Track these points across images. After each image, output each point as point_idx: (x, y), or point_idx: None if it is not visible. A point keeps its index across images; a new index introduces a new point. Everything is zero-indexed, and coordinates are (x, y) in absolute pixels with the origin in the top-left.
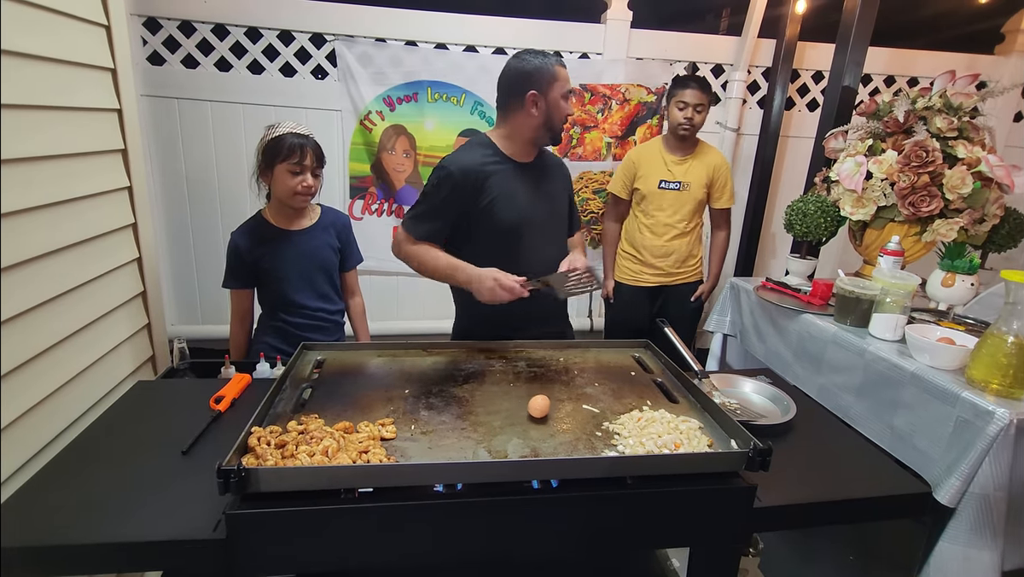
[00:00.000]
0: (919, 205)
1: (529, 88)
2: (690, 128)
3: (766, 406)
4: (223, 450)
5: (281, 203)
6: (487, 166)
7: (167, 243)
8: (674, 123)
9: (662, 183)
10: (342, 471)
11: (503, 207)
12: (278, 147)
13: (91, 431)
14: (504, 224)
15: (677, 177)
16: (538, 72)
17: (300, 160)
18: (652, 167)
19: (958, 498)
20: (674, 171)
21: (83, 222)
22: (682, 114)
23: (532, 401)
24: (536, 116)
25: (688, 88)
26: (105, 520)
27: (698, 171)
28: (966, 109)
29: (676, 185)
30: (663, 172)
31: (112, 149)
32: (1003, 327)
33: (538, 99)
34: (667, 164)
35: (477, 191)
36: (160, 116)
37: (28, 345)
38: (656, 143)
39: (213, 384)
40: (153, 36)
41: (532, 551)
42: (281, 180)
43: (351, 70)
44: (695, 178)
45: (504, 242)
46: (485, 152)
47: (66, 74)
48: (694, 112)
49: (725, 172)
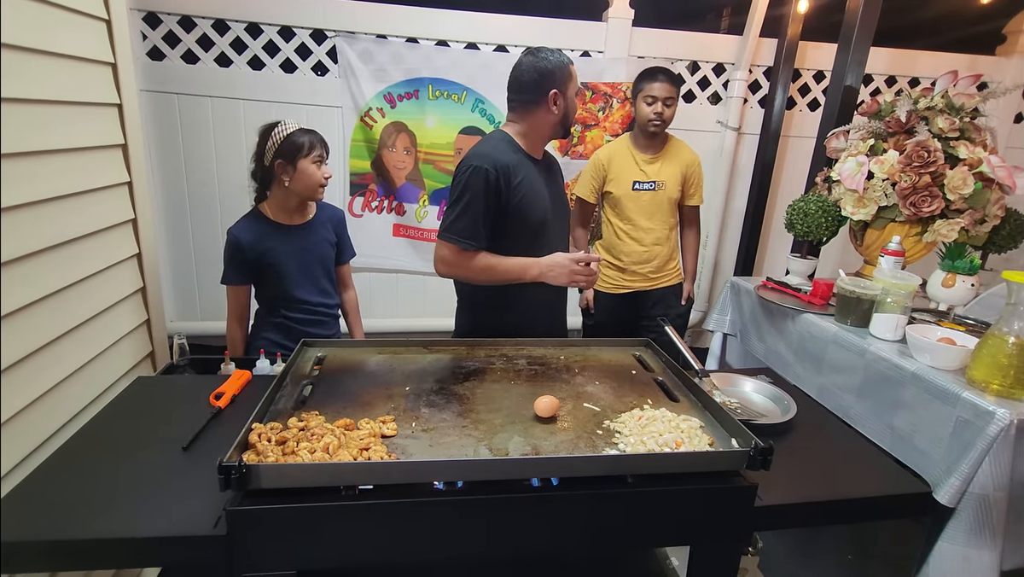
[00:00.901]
0: (920, 205)
1: (551, 86)
2: (660, 123)
3: (766, 405)
4: (223, 446)
5: (293, 197)
6: (516, 163)
7: (167, 239)
8: (643, 119)
9: (636, 184)
10: (343, 468)
11: (532, 203)
12: (299, 143)
13: (90, 427)
14: (533, 220)
15: (651, 176)
16: (559, 70)
17: (320, 152)
18: (623, 168)
19: (958, 498)
20: (647, 170)
21: (83, 217)
22: (651, 109)
23: (538, 401)
24: (556, 114)
25: (656, 81)
26: (105, 516)
27: (672, 168)
28: (968, 110)
29: (651, 185)
30: (635, 172)
31: (112, 144)
32: (1004, 327)
33: (558, 97)
34: (639, 163)
35: (509, 187)
36: (160, 112)
37: (28, 340)
38: (623, 142)
39: (213, 380)
40: (153, 31)
41: (532, 549)
42: (308, 173)
43: (352, 67)
44: (669, 176)
45: (531, 237)
46: (511, 148)
47: (67, 69)
48: (663, 106)
49: (698, 168)
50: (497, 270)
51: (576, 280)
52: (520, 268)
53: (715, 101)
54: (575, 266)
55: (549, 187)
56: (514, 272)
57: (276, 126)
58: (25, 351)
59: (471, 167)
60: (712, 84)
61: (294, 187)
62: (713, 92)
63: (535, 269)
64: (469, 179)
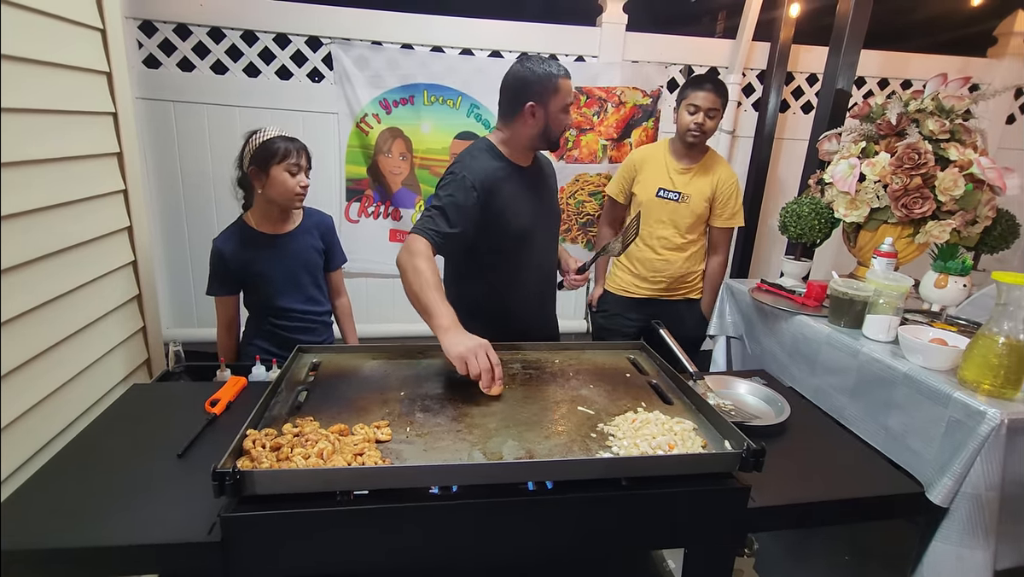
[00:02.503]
0: (912, 207)
1: (528, 98)
2: (699, 135)
3: (760, 407)
4: (219, 453)
5: (274, 206)
6: (497, 172)
7: (163, 246)
8: (683, 128)
9: (660, 191)
10: (337, 473)
11: (513, 213)
12: (272, 149)
13: (86, 434)
14: (513, 229)
15: (678, 187)
16: (540, 83)
17: (297, 160)
18: (654, 172)
19: (951, 498)
20: (676, 180)
21: (78, 225)
22: (692, 119)
23: None
24: (533, 126)
25: (701, 90)
26: (100, 523)
27: (701, 183)
28: (958, 112)
29: (675, 196)
30: (664, 179)
31: (107, 152)
32: (994, 328)
33: (536, 110)
34: (670, 171)
35: (489, 198)
36: (156, 119)
37: (24, 348)
38: (662, 146)
39: (208, 387)
40: (149, 39)
41: (527, 552)
42: (280, 181)
43: (347, 73)
44: (697, 190)
45: (513, 246)
46: (491, 158)
47: (61, 78)
48: (705, 117)
49: (731, 187)
50: (419, 283)
51: (469, 373)
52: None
53: None
54: (480, 362)
55: (535, 195)
56: (428, 305)
57: (257, 131)
58: (21, 359)
59: (450, 174)
60: (727, 88)
61: (268, 195)
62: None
63: (442, 330)
64: (442, 183)
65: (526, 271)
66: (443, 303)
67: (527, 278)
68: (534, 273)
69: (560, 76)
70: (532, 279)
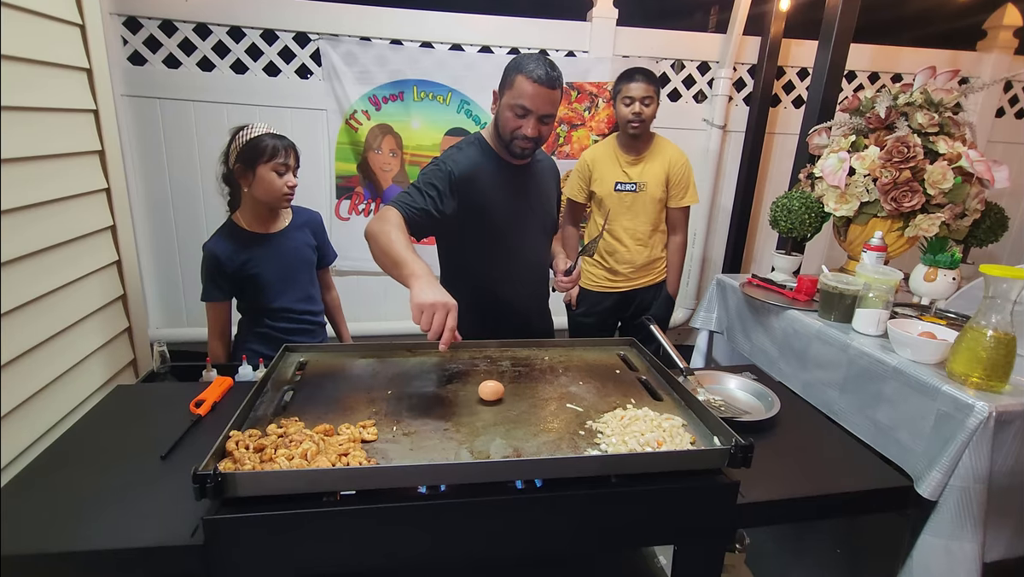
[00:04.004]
0: (901, 200)
1: (499, 88)
2: (640, 124)
3: (751, 402)
4: (202, 454)
5: (261, 205)
6: (480, 164)
7: (151, 245)
8: (623, 120)
9: (618, 185)
10: (320, 474)
11: (492, 207)
12: (260, 147)
13: (68, 437)
14: (490, 223)
15: (632, 178)
16: (504, 74)
17: (285, 159)
18: (607, 168)
19: (939, 491)
20: (629, 172)
21: (58, 225)
22: (629, 110)
23: (482, 386)
24: (494, 117)
25: (633, 81)
26: (81, 527)
27: (654, 170)
28: (947, 105)
29: (632, 187)
30: (618, 173)
31: (88, 150)
32: (982, 321)
33: (496, 101)
34: (622, 164)
35: (468, 188)
36: (142, 117)
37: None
38: (610, 142)
39: (194, 388)
40: (134, 36)
41: (516, 551)
42: (267, 181)
43: (336, 69)
44: (651, 177)
45: (490, 241)
46: (478, 151)
47: (38, 74)
48: (642, 106)
49: (683, 167)
50: (387, 240)
51: (420, 323)
52: (404, 260)
53: (700, 99)
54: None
55: (521, 192)
56: (397, 258)
57: (244, 128)
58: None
59: (433, 162)
60: (697, 82)
61: (254, 194)
62: (698, 90)
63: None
64: (428, 170)
65: (517, 268)
66: (415, 256)
67: (518, 275)
68: (525, 270)
69: (520, 72)
70: (524, 276)
